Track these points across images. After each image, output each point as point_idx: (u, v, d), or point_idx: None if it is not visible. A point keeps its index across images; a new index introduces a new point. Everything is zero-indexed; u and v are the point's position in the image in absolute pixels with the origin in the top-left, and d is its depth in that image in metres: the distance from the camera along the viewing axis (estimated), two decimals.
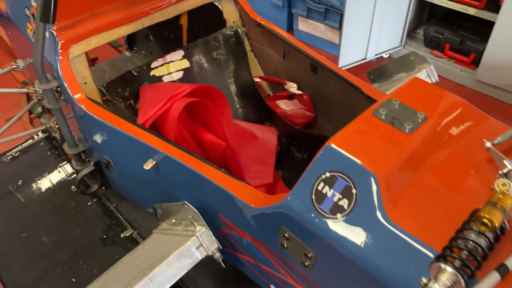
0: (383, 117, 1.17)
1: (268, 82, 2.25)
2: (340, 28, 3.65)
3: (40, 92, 1.78)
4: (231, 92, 2.24)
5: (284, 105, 2.06)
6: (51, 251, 1.89)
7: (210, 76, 2.23)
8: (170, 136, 1.59)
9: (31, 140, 2.24)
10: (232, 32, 2.16)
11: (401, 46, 3.68)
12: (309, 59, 1.91)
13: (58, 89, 1.76)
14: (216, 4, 2.12)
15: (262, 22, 2.10)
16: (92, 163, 1.89)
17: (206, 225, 1.38)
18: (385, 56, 3.69)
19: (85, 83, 1.78)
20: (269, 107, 2.10)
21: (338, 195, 1.07)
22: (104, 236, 1.95)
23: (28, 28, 1.89)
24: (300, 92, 2.03)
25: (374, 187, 1.02)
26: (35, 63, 1.67)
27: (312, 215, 1.09)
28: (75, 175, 2.13)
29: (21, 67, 2.47)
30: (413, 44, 3.73)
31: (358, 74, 2.00)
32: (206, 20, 2.23)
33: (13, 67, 2.47)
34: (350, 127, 1.17)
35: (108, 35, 1.79)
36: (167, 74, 2.14)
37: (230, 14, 2.16)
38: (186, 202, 1.42)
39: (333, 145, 1.11)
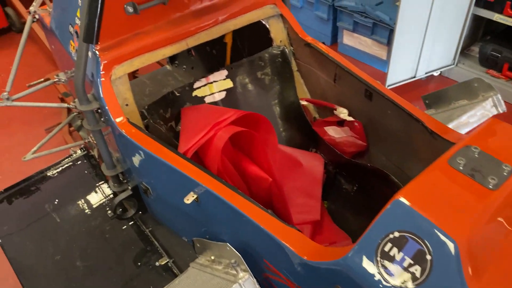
0: (461, 168, 1.01)
1: (315, 105, 2.11)
2: (388, 43, 3.48)
3: None
4: (275, 114, 2.12)
5: (333, 132, 1.92)
6: (84, 277, 1.82)
7: (254, 97, 2.11)
8: (213, 167, 1.48)
9: (69, 158, 2.19)
10: (279, 52, 2.05)
11: (453, 64, 3.46)
12: (363, 84, 1.76)
13: (99, 110, 1.69)
14: (264, 22, 2.01)
15: (312, 43, 1.97)
16: (130, 187, 1.81)
17: (249, 271, 1.26)
18: (435, 74, 3.47)
19: (127, 105, 1.71)
20: (315, 132, 1.97)
21: (408, 260, 0.92)
22: (139, 263, 1.86)
23: (71, 45, 1.83)
24: (351, 118, 1.88)
25: (454, 255, 0.87)
26: (76, 84, 1.61)
27: (377, 279, 0.95)
28: (111, 196, 2.06)
29: (63, 80, 2.45)
30: (467, 62, 3.50)
31: (406, 93, 1.86)
32: (251, 38, 2.12)
33: (55, 80, 2.46)
34: (422, 177, 1.02)
35: (152, 56, 1.71)
36: (209, 95, 2.04)
37: (278, 33, 2.04)
38: (228, 244, 1.30)
39: (403, 200, 0.96)
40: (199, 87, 2.00)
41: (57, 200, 2.04)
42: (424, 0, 2.97)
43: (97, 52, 1.61)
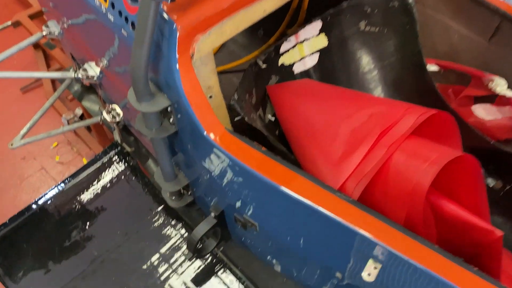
0: None
1: (454, 70, 1.52)
2: None
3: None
4: (384, 81, 1.53)
5: (483, 112, 1.37)
6: None
7: (356, 60, 1.50)
8: (399, 215, 0.92)
9: (99, 164, 1.50)
10: None
11: None
12: None
13: (168, 108, 1.04)
14: None
15: None
16: (213, 215, 1.21)
17: None
18: None
19: (211, 97, 1.06)
20: (451, 109, 1.41)
21: None
22: None
23: None
24: None
25: None
26: (135, 70, 0.94)
27: None
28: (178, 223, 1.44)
29: (56, 33, 1.71)
30: None
31: None
32: None
33: (44, 33, 1.70)
34: None
35: (250, 14, 1.03)
36: (299, 61, 1.42)
37: None
38: None
39: None
40: (287, 51, 1.36)
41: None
42: None
43: (167, 16, 0.92)
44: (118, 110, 1.51)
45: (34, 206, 1.45)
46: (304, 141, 1.09)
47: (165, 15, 0.94)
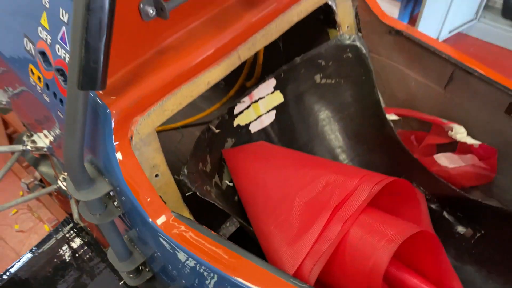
0: None
1: (405, 117, 1.50)
2: (402, 0, 2.89)
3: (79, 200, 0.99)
4: (345, 133, 1.49)
5: (446, 161, 1.34)
6: None
7: (314, 113, 1.47)
8: None
9: (52, 241, 1.40)
10: (349, 43, 1.38)
11: (476, 19, 2.96)
12: (509, 96, 1.18)
13: (110, 192, 0.97)
14: (330, 3, 1.31)
15: (403, 30, 1.33)
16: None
17: None
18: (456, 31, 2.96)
19: (157, 175, 1.00)
20: (411, 156, 1.38)
21: None
22: None
23: (33, 73, 1.04)
24: (475, 141, 1.30)
25: None
26: (69, 160, 0.87)
27: None
28: None
29: (4, 102, 1.64)
30: (488, 16, 3.00)
31: None
32: (298, 29, 1.39)
33: None
34: None
35: (192, 88, 0.98)
36: (255, 120, 1.37)
37: (345, 16, 1.36)
38: None
39: None
40: (242, 111, 1.32)
41: None
42: None
43: (101, 101, 0.87)
44: None
45: None
46: (261, 214, 1.03)
47: (98, 100, 0.88)
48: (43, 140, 1.41)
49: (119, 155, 0.90)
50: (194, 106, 1.88)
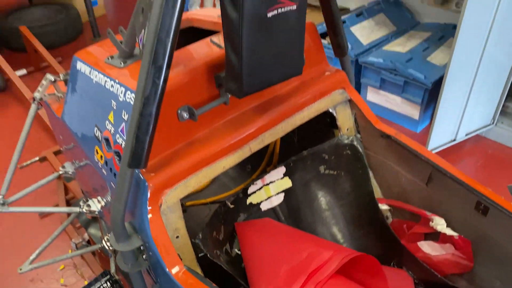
0: None
1: (395, 208, 1.73)
2: (422, 103, 3.19)
3: (110, 247, 1.29)
4: (345, 218, 1.73)
5: (429, 248, 1.54)
6: None
7: (317, 198, 1.73)
8: None
9: None
10: (348, 143, 1.68)
11: (493, 124, 3.18)
12: (474, 195, 1.40)
13: (141, 247, 1.27)
14: (331, 110, 1.64)
15: (392, 135, 1.61)
16: None
17: None
18: (474, 134, 3.19)
19: (177, 237, 1.29)
20: (400, 243, 1.58)
21: None
22: None
23: (97, 153, 1.41)
24: (453, 233, 1.50)
25: None
26: (114, 218, 1.19)
27: None
28: None
29: (70, 172, 2.01)
30: (506, 121, 3.22)
31: (444, 157, 1.53)
32: (308, 128, 1.73)
33: (60, 172, 2.02)
34: None
35: (211, 171, 1.31)
36: (266, 200, 1.65)
37: (345, 120, 1.68)
38: None
39: None
40: (254, 192, 1.61)
41: None
42: (471, 61, 2.69)
43: (142, 177, 1.20)
44: None
45: None
46: (258, 279, 1.27)
47: (140, 176, 1.21)
48: (96, 204, 1.76)
49: (150, 218, 1.20)
50: (223, 185, 2.22)
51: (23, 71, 4.11)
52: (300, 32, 1.26)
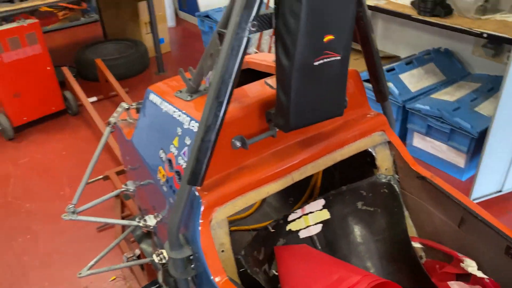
0: None
1: (428, 247, 1.81)
2: (468, 151, 3.22)
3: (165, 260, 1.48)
4: (379, 253, 1.82)
5: None
6: None
7: (354, 231, 1.84)
8: None
9: None
10: (386, 182, 1.80)
11: None
12: (504, 239, 1.47)
13: (191, 256, 1.44)
14: (370, 150, 1.78)
15: (427, 177, 1.72)
16: None
17: None
18: None
19: (223, 251, 1.45)
20: (431, 281, 1.65)
21: None
22: None
23: (160, 172, 1.63)
24: (483, 275, 1.56)
25: None
26: (171, 228, 1.38)
27: None
28: None
29: (131, 190, 2.25)
30: None
31: (489, 208, 1.56)
32: (349, 165, 1.87)
33: (123, 189, 2.26)
34: None
35: (256, 194, 1.48)
36: (304, 228, 1.78)
37: (384, 160, 1.80)
38: None
39: None
40: (294, 220, 1.75)
41: None
42: None
43: (197, 193, 1.39)
44: (165, 254, 1.94)
45: None
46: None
47: (196, 193, 1.40)
48: (152, 220, 1.97)
49: (201, 230, 1.38)
50: (266, 215, 2.38)
51: (94, 99, 4.55)
52: (343, 78, 1.43)
